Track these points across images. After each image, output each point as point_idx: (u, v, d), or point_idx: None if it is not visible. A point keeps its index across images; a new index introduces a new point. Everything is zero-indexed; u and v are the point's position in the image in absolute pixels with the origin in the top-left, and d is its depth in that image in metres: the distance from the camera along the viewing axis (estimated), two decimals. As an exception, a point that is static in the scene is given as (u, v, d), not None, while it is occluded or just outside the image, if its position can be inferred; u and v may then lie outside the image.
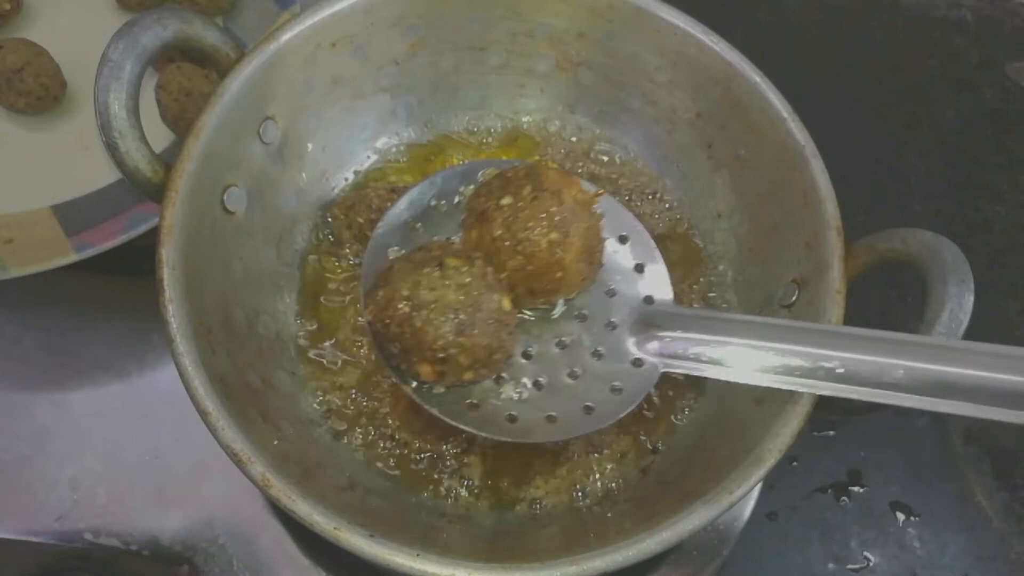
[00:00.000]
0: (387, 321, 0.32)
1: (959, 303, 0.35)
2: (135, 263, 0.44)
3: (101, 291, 0.55)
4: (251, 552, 0.47)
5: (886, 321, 0.56)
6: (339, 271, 0.49)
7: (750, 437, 0.37)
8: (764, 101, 0.45)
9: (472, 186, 0.40)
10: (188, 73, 0.53)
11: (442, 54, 0.51)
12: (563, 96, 0.54)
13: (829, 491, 0.52)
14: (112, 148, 0.39)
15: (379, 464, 0.43)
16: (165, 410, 0.51)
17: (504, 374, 0.36)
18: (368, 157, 0.53)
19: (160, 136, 0.53)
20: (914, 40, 0.72)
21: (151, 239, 0.38)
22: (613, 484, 0.43)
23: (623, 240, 0.39)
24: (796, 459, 0.52)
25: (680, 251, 0.50)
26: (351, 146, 0.52)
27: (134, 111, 0.39)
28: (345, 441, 0.44)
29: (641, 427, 0.45)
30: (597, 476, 0.44)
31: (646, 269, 0.38)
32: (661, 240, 0.50)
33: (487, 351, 0.32)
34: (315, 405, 0.45)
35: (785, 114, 0.44)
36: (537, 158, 0.53)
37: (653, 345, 0.36)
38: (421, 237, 0.39)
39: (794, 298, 0.42)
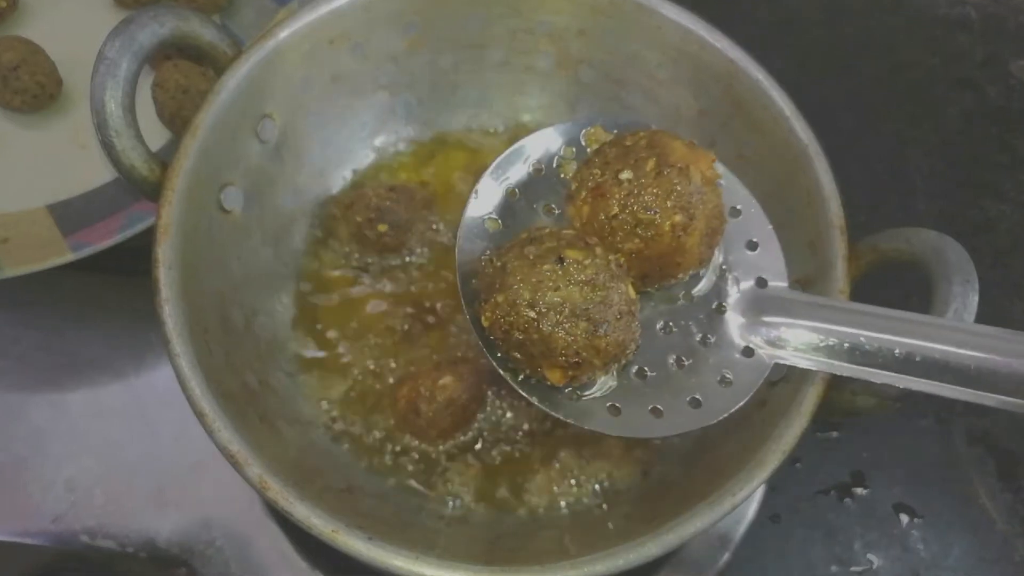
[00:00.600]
0: (508, 328, 0.30)
1: (964, 303, 0.35)
2: (132, 263, 0.44)
3: (98, 291, 0.54)
4: (249, 555, 0.47)
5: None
6: (337, 271, 0.48)
7: (753, 438, 0.36)
8: (767, 99, 0.45)
9: (573, 148, 0.36)
10: (185, 71, 0.52)
11: (441, 52, 0.51)
12: (564, 94, 0.53)
13: (832, 493, 0.51)
14: (108, 146, 0.39)
15: (378, 466, 0.43)
16: (163, 411, 0.50)
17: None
18: (367, 156, 0.52)
19: (157, 134, 0.53)
20: (917, 38, 0.71)
21: (148, 238, 0.38)
22: (614, 486, 0.43)
23: (735, 213, 0.36)
24: (799, 460, 0.51)
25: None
26: (350, 144, 0.51)
27: (130, 109, 0.39)
28: (344, 443, 0.43)
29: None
30: (598, 478, 0.43)
31: (759, 247, 0.35)
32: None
33: (621, 347, 0.30)
34: (313, 406, 0.44)
35: (788, 112, 0.44)
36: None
37: (764, 333, 0.33)
38: (520, 205, 0.35)
39: (797, 298, 0.42)
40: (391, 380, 0.45)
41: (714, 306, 0.34)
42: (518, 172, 0.36)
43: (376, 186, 0.50)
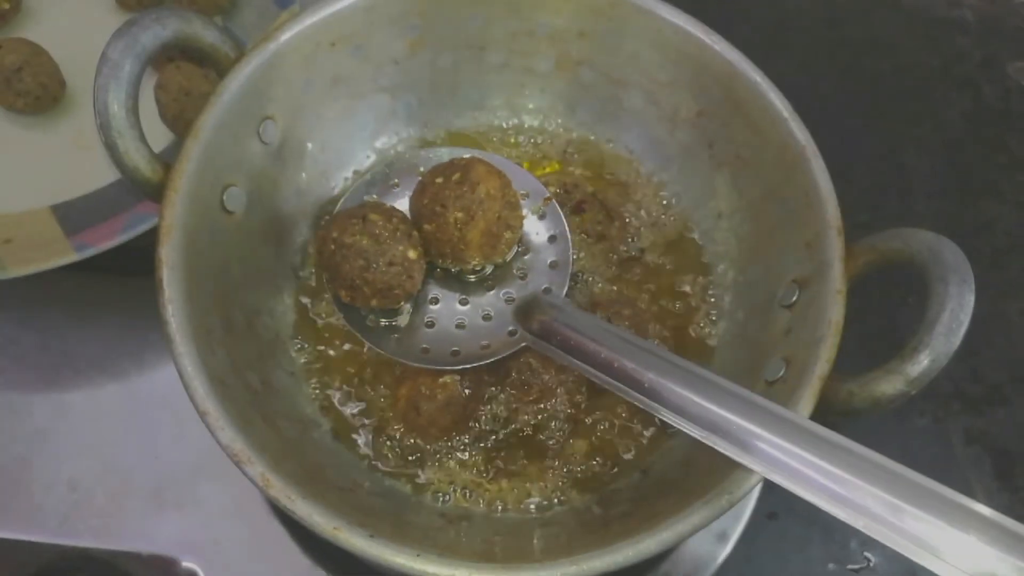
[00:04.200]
0: (321, 253, 0.41)
1: (960, 303, 0.35)
2: (134, 263, 0.44)
3: (100, 291, 0.54)
4: (250, 553, 0.47)
5: (887, 321, 0.56)
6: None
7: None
8: (765, 100, 0.45)
9: None
10: (187, 73, 0.52)
11: (441, 53, 0.51)
12: (563, 95, 0.54)
13: (830, 491, 0.51)
14: (111, 148, 0.39)
15: (379, 464, 0.43)
16: (164, 411, 0.50)
17: (409, 308, 0.44)
18: (368, 157, 0.53)
19: (159, 136, 0.53)
20: (916, 39, 0.72)
21: (150, 239, 0.38)
22: (614, 484, 0.43)
23: (552, 240, 0.46)
24: (797, 459, 0.52)
25: (680, 251, 0.50)
26: (351, 146, 0.52)
27: (133, 111, 0.39)
28: (345, 441, 0.44)
29: (643, 428, 0.45)
30: (597, 476, 0.44)
31: (558, 267, 0.45)
32: (663, 241, 0.51)
33: (387, 286, 0.40)
34: (315, 405, 0.45)
35: (786, 114, 0.44)
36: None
37: (533, 324, 0.41)
38: (398, 191, 0.47)
39: (795, 298, 0.42)
40: (392, 378, 0.45)
41: (507, 297, 0.44)
42: (404, 169, 0.47)
43: (377, 187, 0.51)
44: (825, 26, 0.72)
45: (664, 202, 0.52)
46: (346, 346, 0.46)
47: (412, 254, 0.41)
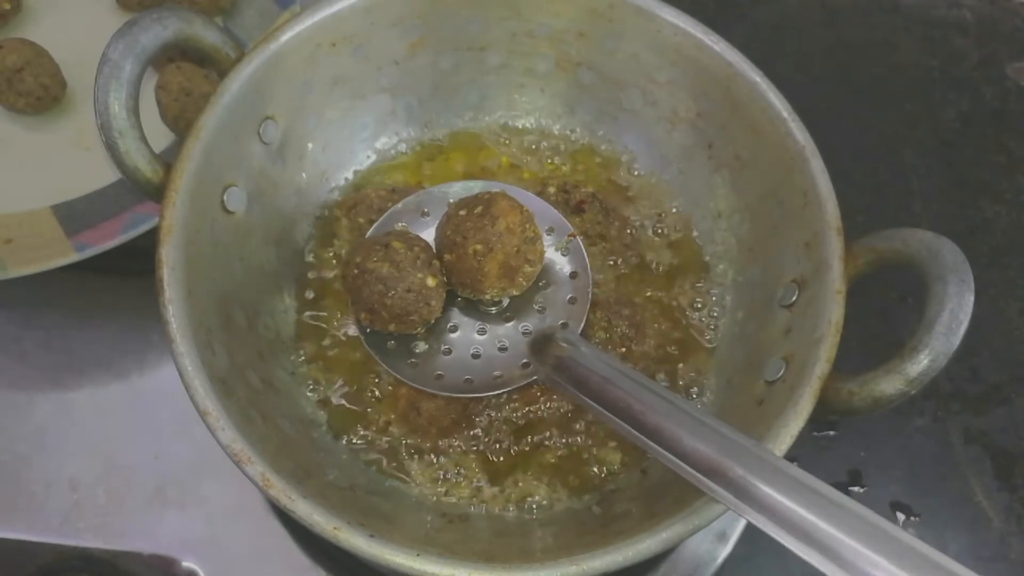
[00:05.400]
0: (345, 277, 0.42)
1: (959, 303, 0.35)
2: (135, 263, 0.44)
3: (101, 291, 0.55)
4: (251, 552, 0.47)
5: (886, 321, 0.56)
6: (339, 271, 0.49)
7: (751, 437, 0.36)
8: (764, 101, 0.45)
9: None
10: (188, 73, 0.53)
11: (442, 54, 0.51)
12: (563, 96, 0.54)
13: (829, 491, 0.51)
14: (112, 148, 0.39)
15: (379, 464, 0.43)
16: (165, 410, 0.51)
17: (424, 333, 0.44)
18: (368, 157, 0.53)
19: (160, 136, 0.54)
20: (914, 40, 0.72)
21: (151, 239, 0.38)
22: (613, 484, 0.43)
23: (573, 276, 0.46)
24: (796, 459, 0.52)
25: (680, 251, 0.50)
26: (351, 146, 0.52)
27: (134, 111, 0.39)
28: (345, 441, 0.44)
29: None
30: (597, 476, 0.44)
31: (576, 303, 0.46)
32: (662, 241, 0.51)
33: (404, 312, 0.41)
34: (315, 404, 0.45)
35: (785, 114, 0.44)
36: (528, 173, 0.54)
37: (546, 359, 0.41)
38: (427, 221, 0.47)
39: (794, 298, 0.42)
40: (392, 379, 0.45)
41: (524, 330, 0.45)
42: (435, 201, 0.48)
43: (377, 187, 0.51)
44: (824, 27, 0.72)
45: (663, 202, 0.52)
46: (347, 346, 0.46)
47: (431, 282, 0.41)
